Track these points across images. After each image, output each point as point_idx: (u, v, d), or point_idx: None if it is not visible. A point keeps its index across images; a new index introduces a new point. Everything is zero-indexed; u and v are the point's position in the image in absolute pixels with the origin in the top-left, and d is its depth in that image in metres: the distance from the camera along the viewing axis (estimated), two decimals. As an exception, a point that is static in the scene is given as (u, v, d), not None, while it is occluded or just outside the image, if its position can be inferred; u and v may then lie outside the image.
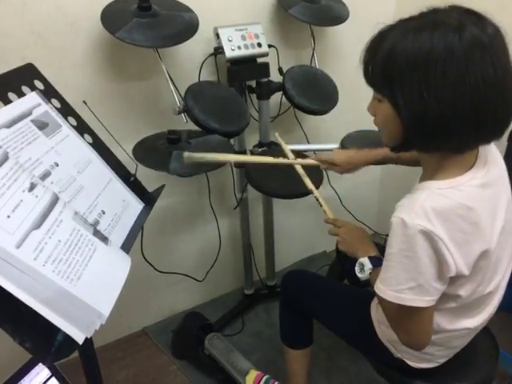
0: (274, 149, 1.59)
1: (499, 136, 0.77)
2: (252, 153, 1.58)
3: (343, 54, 1.75)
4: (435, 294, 0.79)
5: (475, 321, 0.92)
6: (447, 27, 0.69)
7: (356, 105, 0.85)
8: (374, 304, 1.07)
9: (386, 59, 0.73)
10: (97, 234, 0.76)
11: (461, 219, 0.75)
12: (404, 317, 0.83)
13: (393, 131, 0.79)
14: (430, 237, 0.73)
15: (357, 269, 0.94)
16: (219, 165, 1.31)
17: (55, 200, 0.72)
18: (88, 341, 0.67)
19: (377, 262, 0.91)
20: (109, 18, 1.19)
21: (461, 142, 0.75)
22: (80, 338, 0.64)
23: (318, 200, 1.15)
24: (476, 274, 0.82)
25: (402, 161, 1.15)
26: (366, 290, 1.08)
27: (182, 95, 1.30)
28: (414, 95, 0.71)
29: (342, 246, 1.03)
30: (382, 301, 0.84)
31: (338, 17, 1.52)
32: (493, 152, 0.86)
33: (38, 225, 0.66)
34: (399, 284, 0.78)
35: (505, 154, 1.32)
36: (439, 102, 0.69)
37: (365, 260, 0.92)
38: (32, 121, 0.83)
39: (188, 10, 1.29)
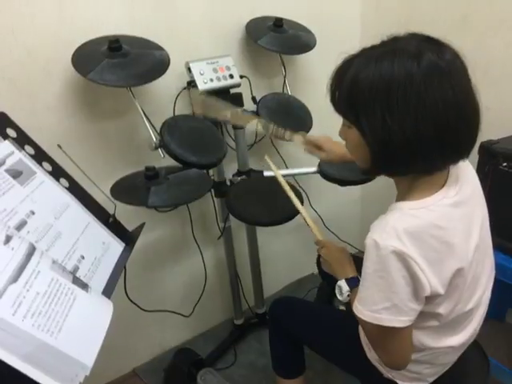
0: (254, 176, 1.60)
1: (465, 156, 0.80)
2: (232, 182, 1.58)
3: (314, 80, 1.80)
4: (411, 314, 0.79)
5: (459, 338, 0.92)
6: (406, 55, 0.72)
7: (330, 128, 0.88)
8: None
9: (350, 87, 0.76)
10: (76, 281, 0.74)
11: (433, 239, 0.77)
12: (382, 337, 0.84)
13: (362, 156, 0.81)
14: (402, 257, 0.74)
15: (336, 291, 0.96)
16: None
17: (32, 250, 0.70)
18: (73, 393, 0.65)
19: (354, 283, 0.93)
20: (80, 61, 1.19)
21: (427, 164, 0.77)
22: (64, 393, 0.62)
23: (307, 223, 1.15)
24: (453, 292, 0.82)
25: None
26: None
27: (158, 130, 1.31)
28: (378, 121, 0.73)
29: (324, 267, 1.07)
30: (360, 321, 0.84)
31: (305, 45, 1.56)
32: (465, 170, 0.88)
33: (15, 278, 0.64)
34: (375, 304, 0.79)
35: (476, 167, 1.35)
36: (402, 126, 0.72)
37: (342, 283, 0.95)
38: (6, 170, 0.82)
39: (158, 47, 1.31)
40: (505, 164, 1.31)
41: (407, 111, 0.71)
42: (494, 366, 1.39)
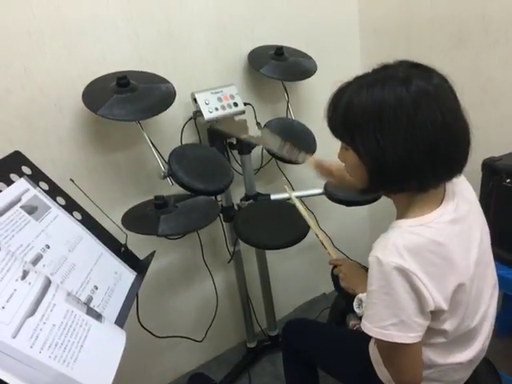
0: (261, 199, 1.63)
1: (458, 174, 0.83)
2: (239, 207, 1.61)
3: (317, 103, 1.81)
4: (419, 330, 0.81)
5: (467, 354, 0.93)
6: (395, 81, 0.76)
7: (335, 148, 0.92)
8: (372, 344, 1.08)
9: (344, 112, 0.81)
10: (90, 312, 0.77)
11: (432, 254, 0.79)
12: (393, 354, 0.85)
13: (360, 176, 0.85)
14: (404, 273, 0.77)
15: (355, 304, 0.97)
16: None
17: (48, 284, 0.74)
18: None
19: None
20: (90, 97, 1.25)
21: (420, 181, 0.80)
22: (80, 422, 0.64)
23: (322, 243, 1.18)
24: (456, 308, 0.84)
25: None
26: (365, 333, 1.09)
27: (166, 159, 1.35)
28: (372, 142, 0.77)
29: (343, 283, 1.07)
30: (375, 340, 0.86)
31: (306, 71, 1.61)
32: (460, 187, 0.90)
33: (32, 312, 0.67)
34: (382, 320, 0.80)
35: (480, 184, 1.37)
36: (394, 146, 0.76)
37: (363, 296, 0.95)
38: (21, 207, 0.86)
39: (164, 81, 1.36)
40: (508, 180, 1.32)
41: (398, 132, 0.75)
42: (508, 382, 1.37)
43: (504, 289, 1.31)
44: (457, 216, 0.84)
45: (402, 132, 0.75)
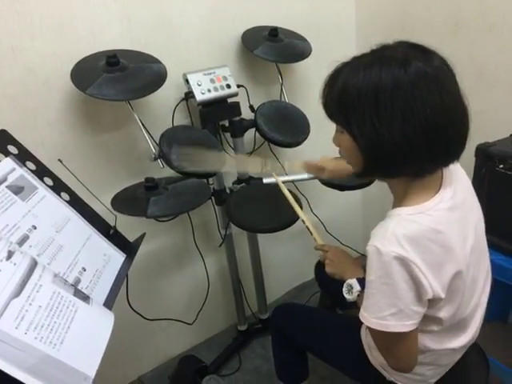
0: (254, 183, 1.62)
1: (455, 159, 0.81)
2: (231, 190, 1.60)
3: (311, 86, 1.81)
4: (416, 318, 0.80)
5: (461, 340, 0.93)
6: (393, 62, 0.74)
7: (330, 132, 0.90)
8: (364, 330, 1.08)
9: (340, 93, 0.78)
10: (78, 293, 0.76)
11: (432, 243, 0.78)
12: (389, 342, 0.85)
13: (355, 160, 0.82)
14: (404, 262, 0.76)
15: (344, 290, 0.95)
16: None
17: (34, 265, 0.72)
18: (77, 403, 0.66)
19: (365, 284, 0.93)
20: (78, 76, 1.22)
21: (417, 166, 0.78)
22: (67, 404, 0.63)
23: (308, 228, 1.15)
24: (453, 295, 0.84)
25: None
26: (355, 317, 1.09)
27: (157, 141, 1.33)
28: (367, 125, 0.75)
29: (330, 269, 1.04)
30: (368, 327, 0.85)
31: (301, 53, 1.58)
32: (457, 174, 0.89)
33: (18, 293, 0.66)
34: (381, 311, 0.79)
35: (473, 169, 1.36)
36: (390, 130, 0.74)
37: (353, 281, 0.93)
38: (7, 187, 0.84)
39: (156, 60, 1.33)
40: (501, 166, 1.32)
41: (395, 115, 0.73)
42: (497, 367, 1.39)
43: (493, 274, 1.32)
44: (454, 203, 0.83)
45: (399, 115, 0.73)
